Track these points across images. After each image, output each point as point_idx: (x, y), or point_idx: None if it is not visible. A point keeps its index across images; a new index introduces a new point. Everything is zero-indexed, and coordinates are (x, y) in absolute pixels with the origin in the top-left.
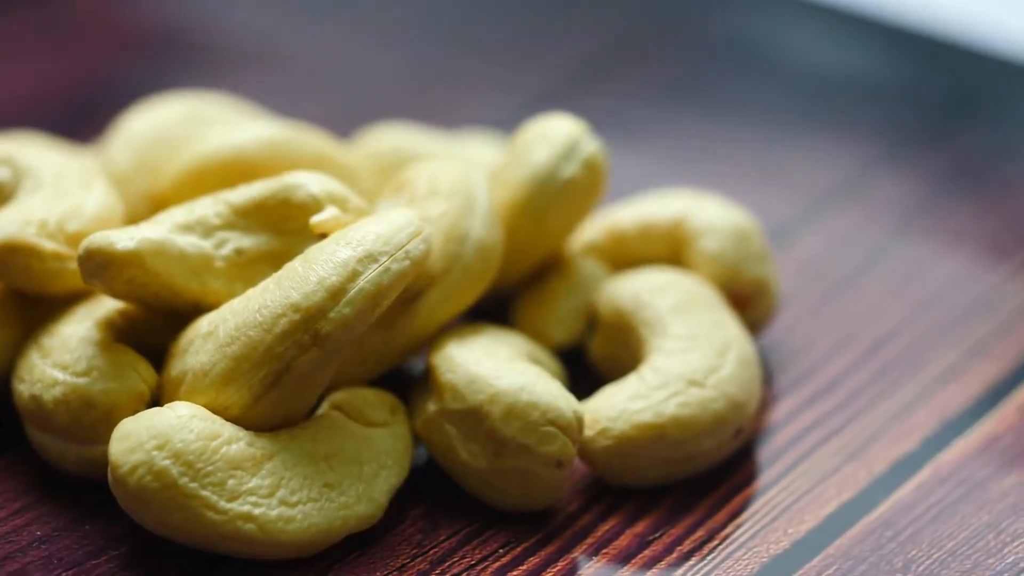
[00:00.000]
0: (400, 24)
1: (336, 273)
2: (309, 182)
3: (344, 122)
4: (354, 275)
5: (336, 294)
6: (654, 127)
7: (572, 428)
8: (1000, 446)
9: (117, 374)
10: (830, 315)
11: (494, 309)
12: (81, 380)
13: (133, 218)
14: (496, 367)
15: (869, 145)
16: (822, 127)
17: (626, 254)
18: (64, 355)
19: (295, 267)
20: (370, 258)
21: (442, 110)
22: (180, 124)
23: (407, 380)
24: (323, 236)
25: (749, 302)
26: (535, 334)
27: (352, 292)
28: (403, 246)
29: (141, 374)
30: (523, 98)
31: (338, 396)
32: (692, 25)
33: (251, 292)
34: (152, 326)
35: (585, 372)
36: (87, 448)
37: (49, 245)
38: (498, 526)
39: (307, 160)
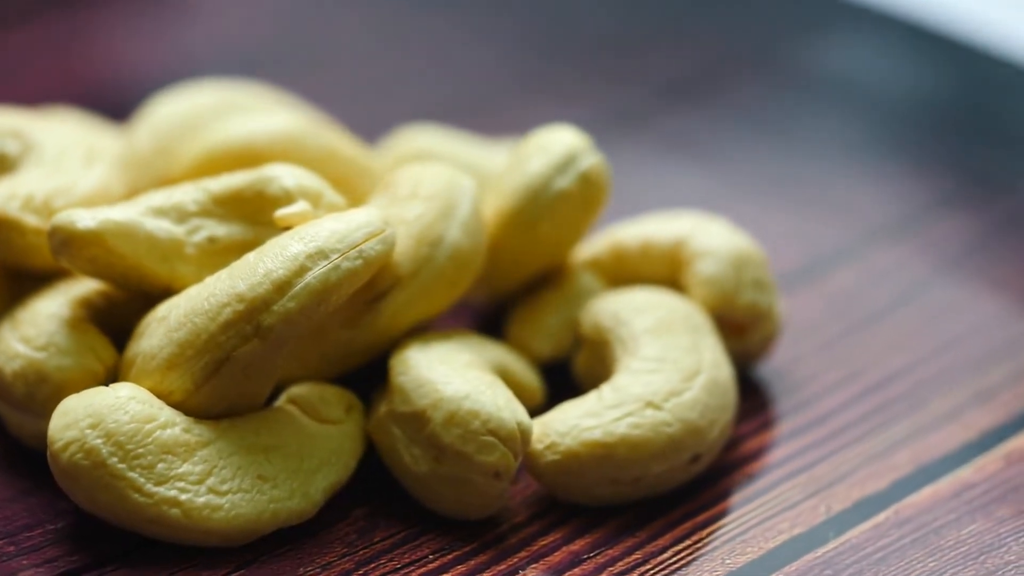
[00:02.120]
0: (490, 28)
1: (284, 267)
2: (283, 175)
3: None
4: (302, 270)
5: (282, 287)
6: (724, 150)
7: (514, 440)
8: (971, 495)
9: (73, 351)
10: (844, 349)
11: (495, 317)
12: (39, 355)
13: None
14: (446, 373)
15: (936, 183)
16: (894, 161)
17: (626, 271)
18: (29, 329)
19: (249, 258)
20: (320, 254)
21: (516, 118)
22: (207, 111)
23: (380, 381)
24: (288, 229)
25: (744, 329)
26: (521, 345)
27: (298, 287)
28: (357, 245)
29: (98, 353)
30: (601, 112)
31: (296, 390)
32: (782, 55)
33: (208, 280)
34: (132, 307)
35: (573, 387)
36: (40, 421)
37: (32, 220)
38: (436, 532)
39: (318, 155)
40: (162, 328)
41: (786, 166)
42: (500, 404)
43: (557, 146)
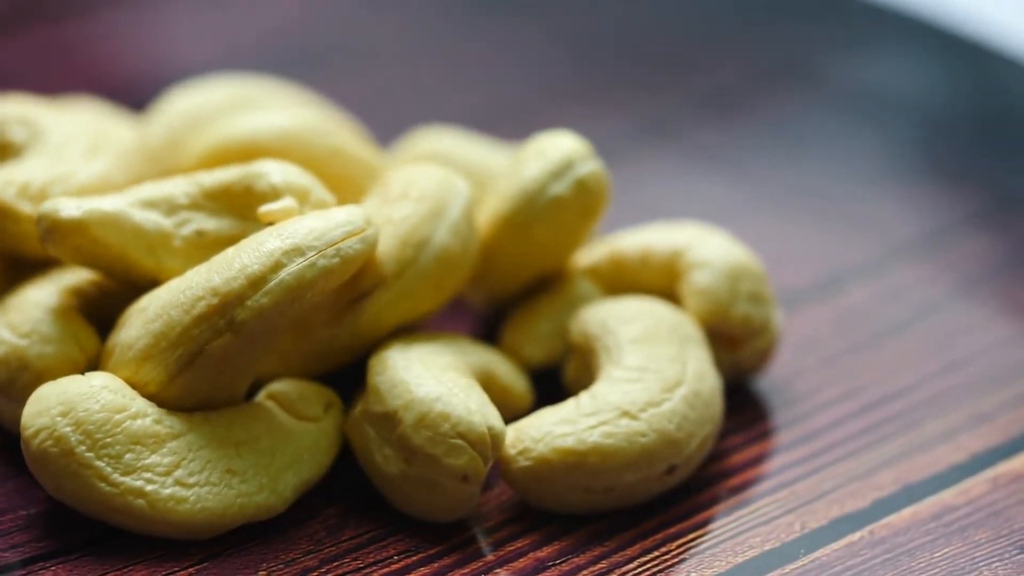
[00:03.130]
0: (532, 35)
1: (259, 262)
2: (272, 171)
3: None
4: (277, 266)
5: (256, 283)
6: (754, 162)
7: (483, 444)
8: (951, 517)
9: (56, 339)
10: (848, 366)
11: (495, 320)
12: (22, 341)
13: None
14: (420, 374)
15: (965, 201)
16: (926, 177)
17: (624, 280)
18: (16, 316)
19: (227, 253)
20: (296, 251)
21: (548, 125)
22: (220, 106)
23: (363, 380)
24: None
25: (738, 342)
26: (513, 350)
27: (272, 283)
28: (335, 243)
29: (81, 342)
30: (633, 122)
31: (276, 386)
32: (822, 69)
33: (189, 273)
34: (123, 297)
35: (565, 394)
36: (20, 408)
37: (27, 208)
38: (405, 533)
39: (322, 153)
40: (140, 319)
41: (815, 180)
42: (471, 408)
43: (554, 152)
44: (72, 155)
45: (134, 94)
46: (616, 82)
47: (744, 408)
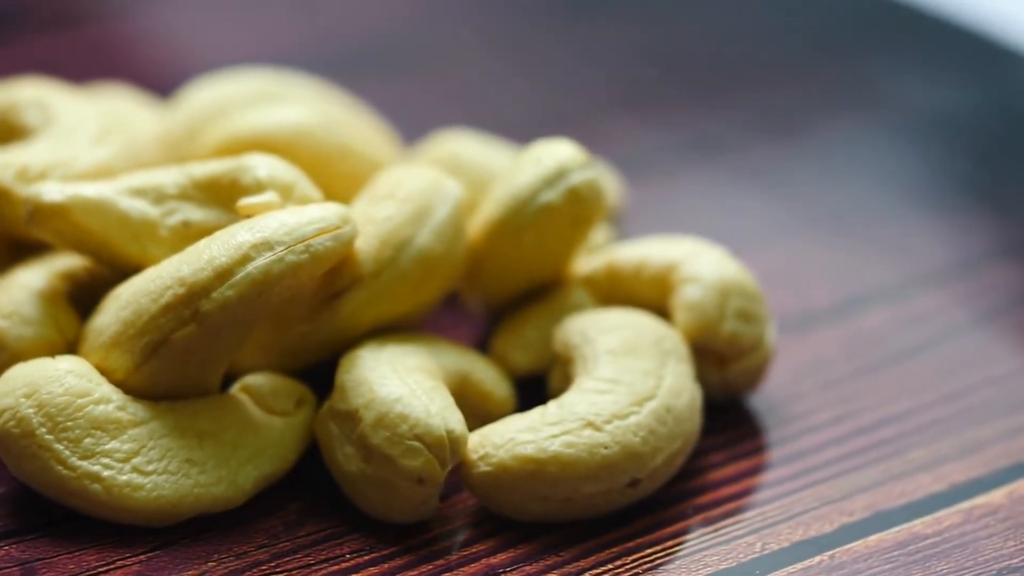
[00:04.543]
0: (599, 45)
1: (227, 254)
2: (258, 165)
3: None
4: (245, 259)
5: (223, 275)
6: (795, 183)
7: (440, 447)
8: (916, 547)
9: (36, 322)
10: (848, 389)
11: (495, 325)
12: (2, 323)
13: None
14: (385, 374)
15: (1005, 232)
16: (968, 203)
17: (619, 291)
18: (2, 297)
19: (199, 244)
20: (265, 245)
21: (599, 135)
22: (243, 98)
23: None
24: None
25: (727, 359)
26: (499, 356)
27: (239, 276)
28: (306, 239)
29: (61, 326)
30: (685, 137)
31: (250, 379)
32: (885, 92)
33: (164, 262)
34: (114, 284)
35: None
36: None
37: (23, 191)
38: (363, 532)
39: (331, 150)
40: (114, 306)
41: (854, 202)
42: (432, 410)
43: (549, 159)
44: (79, 141)
45: (172, 87)
46: (670, 96)
47: (733, 426)
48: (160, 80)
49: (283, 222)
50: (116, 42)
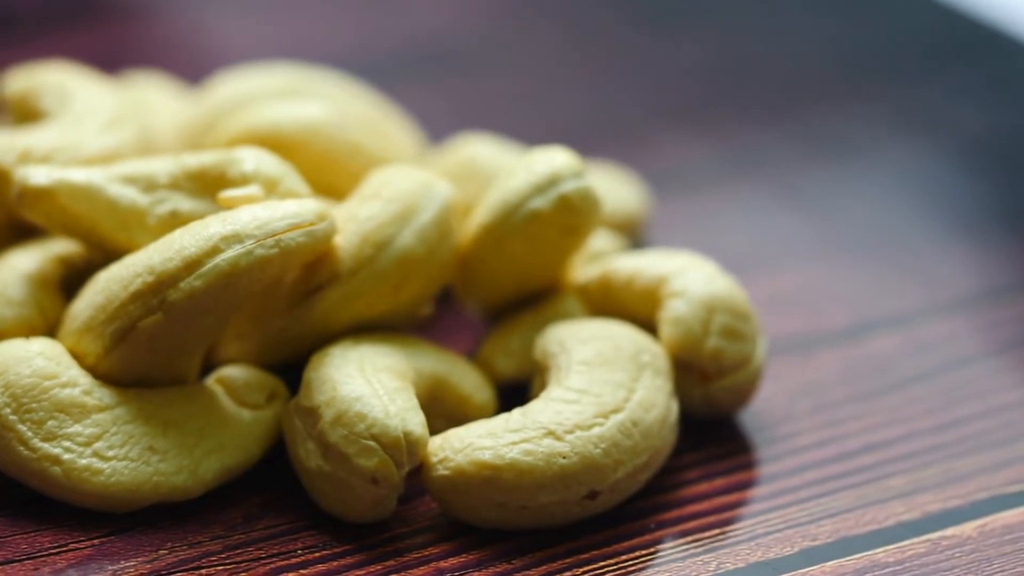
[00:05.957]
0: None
1: (197, 245)
2: (245, 159)
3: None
4: (214, 251)
5: (191, 265)
6: (832, 205)
7: (396, 448)
8: (874, 575)
9: (18, 303)
10: (841, 413)
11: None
12: None
13: None
14: (350, 373)
15: None
16: (1008, 229)
17: (610, 302)
18: None
19: (173, 234)
20: (235, 237)
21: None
22: (266, 93)
23: None
24: None
25: (711, 376)
26: (483, 361)
27: (207, 267)
28: (276, 234)
29: (43, 308)
30: (733, 153)
31: (226, 370)
32: (940, 117)
33: (140, 250)
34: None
35: None
36: None
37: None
38: (320, 529)
39: (341, 148)
40: (90, 291)
41: (887, 226)
42: (390, 411)
43: (541, 167)
44: (89, 127)
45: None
46: (724, 111)
47: (715, 443)
48: (206, 73)
49: (255, 215)
50: (167, 35)
